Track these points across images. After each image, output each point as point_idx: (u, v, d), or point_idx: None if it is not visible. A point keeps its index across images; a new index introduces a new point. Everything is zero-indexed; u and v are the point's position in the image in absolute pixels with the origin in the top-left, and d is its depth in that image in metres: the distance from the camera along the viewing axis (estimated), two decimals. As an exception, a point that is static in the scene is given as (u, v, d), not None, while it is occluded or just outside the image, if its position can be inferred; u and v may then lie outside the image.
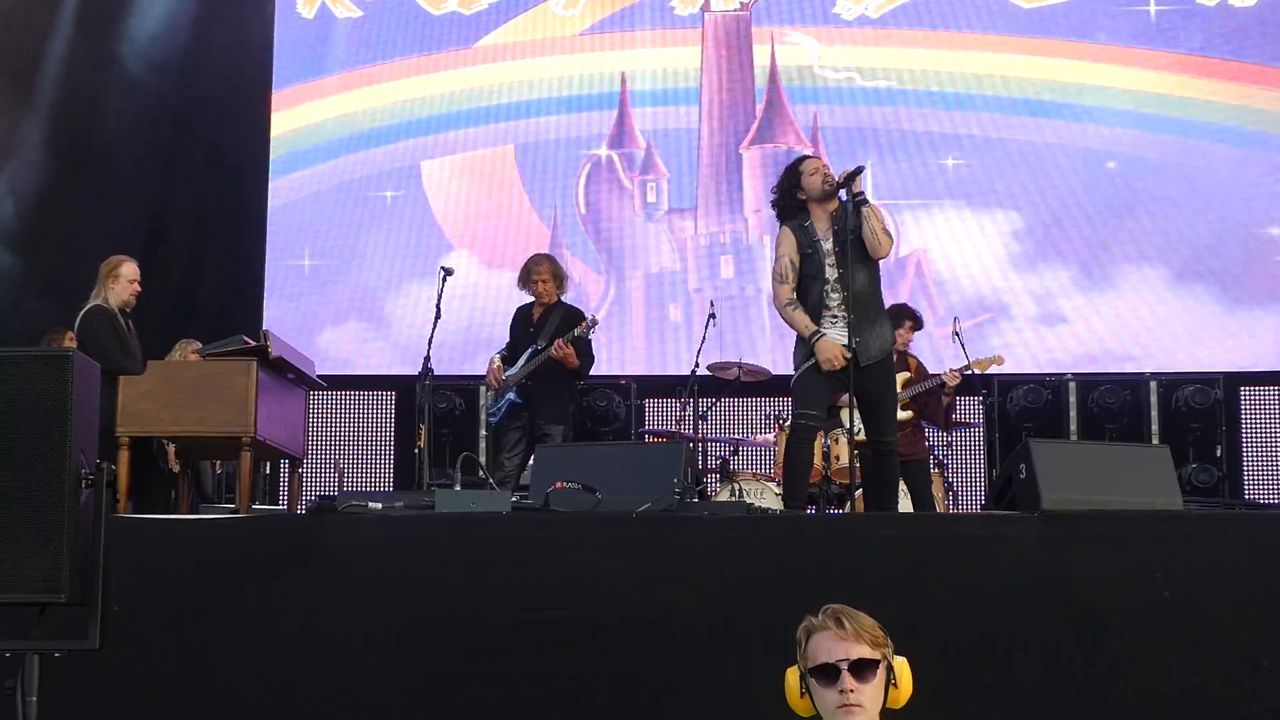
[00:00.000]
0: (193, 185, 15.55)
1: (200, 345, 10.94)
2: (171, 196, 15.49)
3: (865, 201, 9.08)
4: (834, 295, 9.03)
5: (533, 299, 11.89)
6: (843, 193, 9.12)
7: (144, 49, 15.42)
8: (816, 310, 9.05)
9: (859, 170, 9.09)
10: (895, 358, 11.36)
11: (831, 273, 9.05)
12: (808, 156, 9.56)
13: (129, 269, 10.75)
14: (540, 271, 11.85)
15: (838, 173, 9.25)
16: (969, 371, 11.83)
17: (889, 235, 9.16)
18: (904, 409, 11.41)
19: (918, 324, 11.99)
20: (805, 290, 9.13)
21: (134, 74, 15.36)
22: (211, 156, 15.66)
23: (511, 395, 11.66)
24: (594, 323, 11.84)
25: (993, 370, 12.34)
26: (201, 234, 15.55)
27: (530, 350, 11.65)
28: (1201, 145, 15.33)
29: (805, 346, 9.08)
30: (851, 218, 9.00)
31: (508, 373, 11.70)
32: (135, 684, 7.16)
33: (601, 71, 16.00)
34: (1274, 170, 15.23)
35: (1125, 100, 15.46)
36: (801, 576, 7.23)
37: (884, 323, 9.29)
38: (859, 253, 9.04)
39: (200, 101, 15.64)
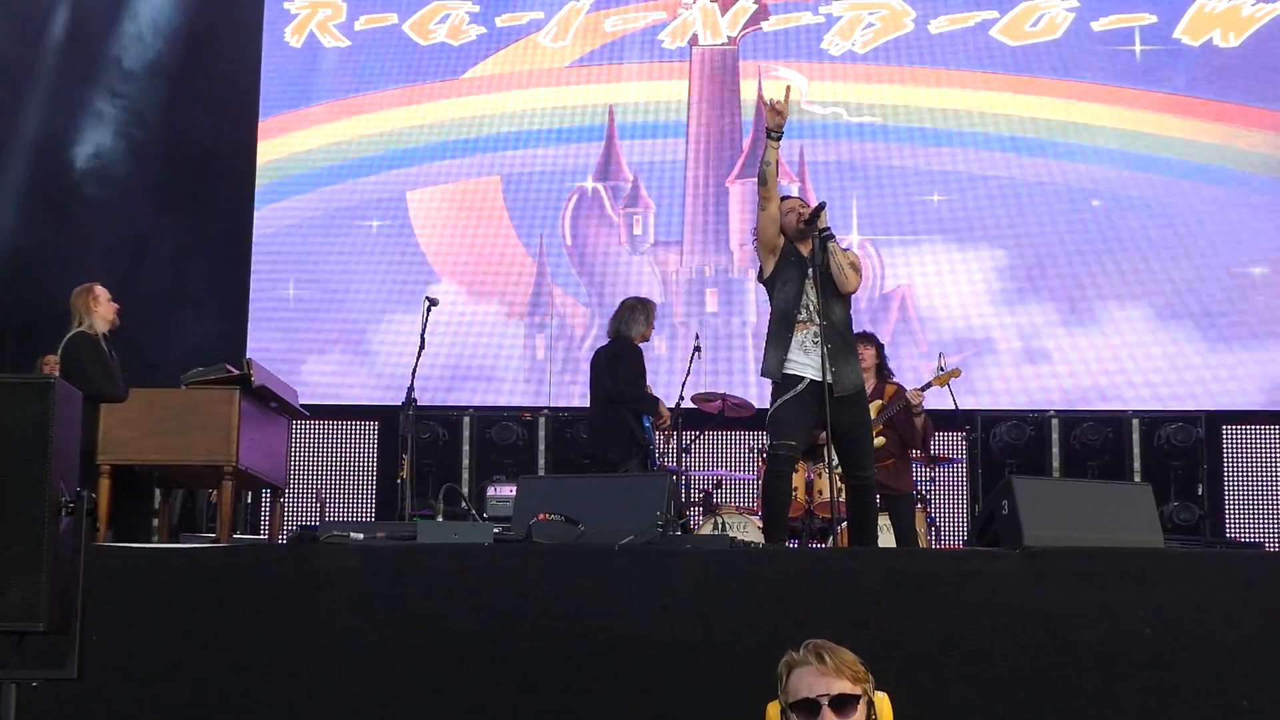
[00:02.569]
0: (178, 212, 15.52)
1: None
2: (156, 224, 15.46)
3: (831, 237, 9.13)
4: (810, 326, 9.04)
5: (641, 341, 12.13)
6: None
7: (132, 74, 15.43)
8: (786, 321, 9.06)
9: (821, 207, 9.14)
10: (871, 380, 11.40)
11: (809, 299, 9.06)
12: (785, 196, 9.56)
13: (102, 290, 10.69)
14: None
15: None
16: (931, 388, 11.87)
17: (856, 270, 9.19)
18: (877, 435, 11.42)
19: (867, 339, 11.78)
20: (780, 293, 9.15)
21: (121, 99, 15.37)
22: (197, 184, 15.63)
23: None
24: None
25: (975, 405, 12.36)
26: (186, 261, 15.51)
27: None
28: (1185, 184, 15.38)
29: (772, 375, 9.10)
30: (819, 254, 9.04)
31: None
32: (113, 714, 7.12)
33: (589, 104, 16.02)
34: (1256, 210, 15.29)
35: (1110, 139, 15.51)
36: (783, 611, 7.23)
37: (856, 358, 9.33)
38: (832, 288, 9.08)
39: (186, 128, 15.61)
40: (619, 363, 11.93)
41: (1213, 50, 15.63)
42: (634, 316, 12.08)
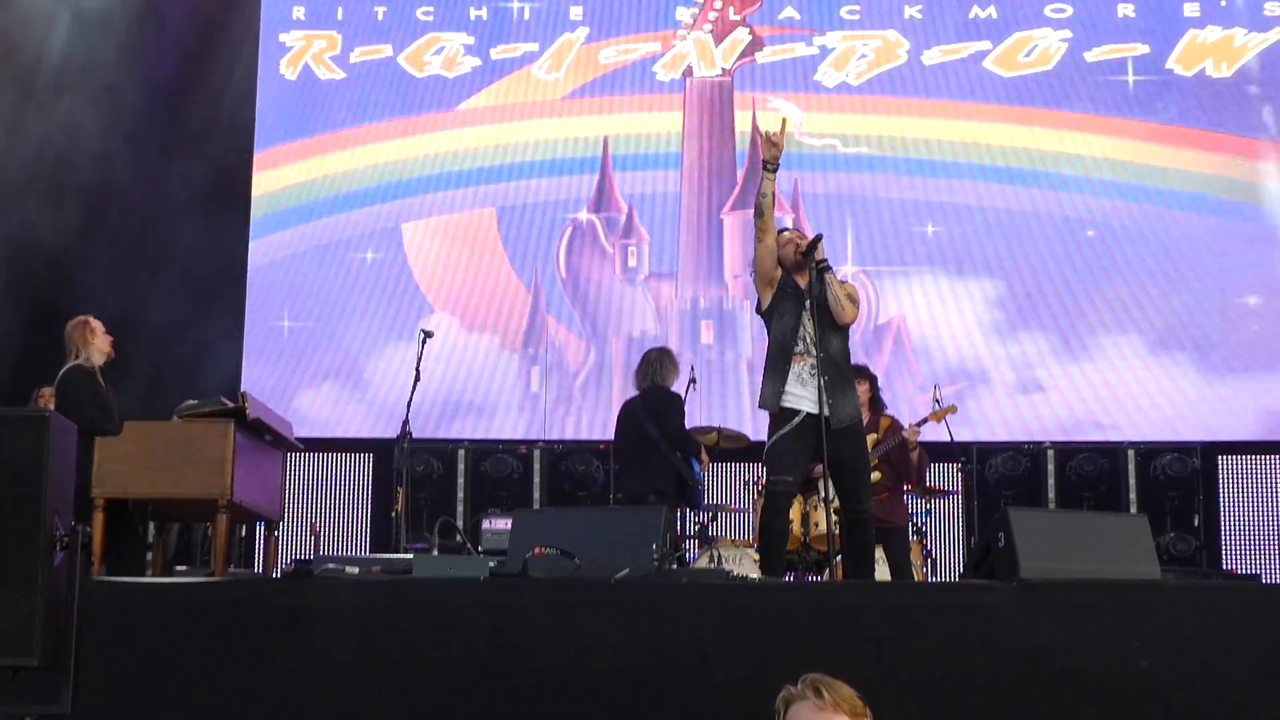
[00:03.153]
0: (172, 244, 15.49)
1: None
2: (151, 255, 15.43)
3: (828, 269, 9.11)
4: (807, 358, 9.01)
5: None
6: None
7: (127, 106, 15.41)
8: (784, 353, 9.04)
9: (818, 239, 9.13)
10: (865, 415, 11.35)
11: (807, 331, 9.04)
12: (782, 229, 9.56)
13: (98, 324, 10.67)
14: None
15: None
16: (926, 424, 11.88)
17: (853, 302, 9.17)
18: (874, 470, 11.39)
19: (860, 373, 11.77)
20: (777, 326, 9.12)
21: (118, 130, 15.35)
22: (192, 216, 15.60)
23: None
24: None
25: (970, 437, 12.33)
26: (181, 293, 15.47)
27: None
28: (1179, 214, 15.40)
29: (770, 408, 9.08)
30: (815, 286, 9.03)
31: None
32: (108, 748, 7.10)
33: (583, 135, 16.03)
34: (1250, 240, 15.31)
35: (1103, 169, 15.53)
36: (780, 645, 7.21)
37: (853, 390, 9.30)
38: (829, 320, 9.06)
39: (181, 159, 15.59)
40: (667, 410, 12.18)
41: (1206, 80, 15.67)
42: (665, 367, 12.34)
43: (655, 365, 12.32)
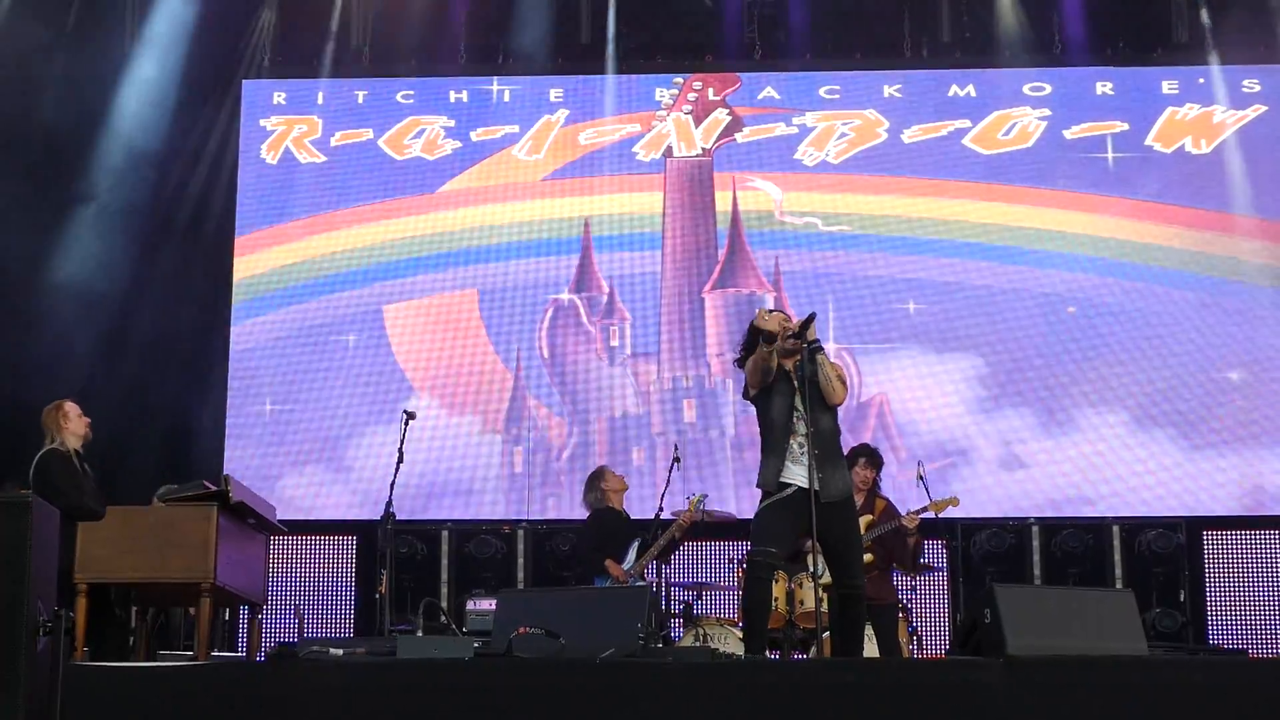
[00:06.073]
0: (153, 329, 15.49)
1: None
2: (132, 340, 15.42)
3: (819, 349, 9.06)
4: (799, 435, 8.99)
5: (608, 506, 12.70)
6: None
7: (108, 191, 15.43)
8: (783, 432, 9.00)
9: (811, 319, 9.07)
10: (862, 498, 11.34)
11: (799, 410, 9.03)
12: (771, 311, 9.54)
13: (72, 406, 10.62)
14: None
15: (795, 320, 9.27)
16: (926, 514, 11.82)
17: (843, 383, 9.16)
18: (866, 551, 11.34)
19: (872, 460, 11.85)
20: (772, 407, 9.08)
21: (97, 215, 15.35)
22: (173, 301, 15.60)
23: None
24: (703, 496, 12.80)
25: (955, 514, 12.29)
26: (162, 378, 15.46)
27: (642, 541, 12.37)
28: (1160, 290, 15.46)
29: (768, 485, 9.03)
30: (807, 365, 9.00)
31: (625, 565, 12.33)
32: (90, 836, 7.03)
33: (564, 216, 16.08)
34: (1231, 314, 15.36)
35: (1084, 245, 15.60)
36: (767, 723, 7.18)
37: (844, 466, 9.27)
38: (819, 398, 9.03)
39: (162, 246, 15.60)
40: (581, 535, 12.97)
41: (1185, 157, 15.77)
42: (590, 488, 12.88)
43: (586, 487, 13.00)
